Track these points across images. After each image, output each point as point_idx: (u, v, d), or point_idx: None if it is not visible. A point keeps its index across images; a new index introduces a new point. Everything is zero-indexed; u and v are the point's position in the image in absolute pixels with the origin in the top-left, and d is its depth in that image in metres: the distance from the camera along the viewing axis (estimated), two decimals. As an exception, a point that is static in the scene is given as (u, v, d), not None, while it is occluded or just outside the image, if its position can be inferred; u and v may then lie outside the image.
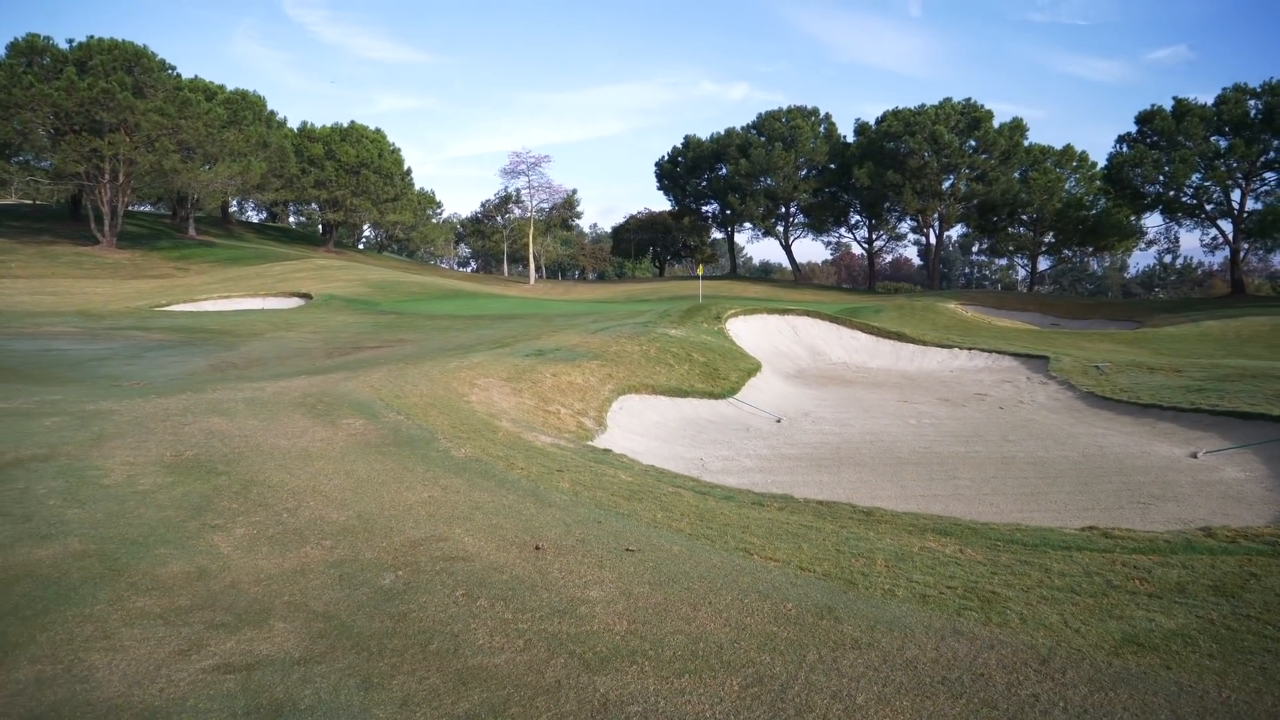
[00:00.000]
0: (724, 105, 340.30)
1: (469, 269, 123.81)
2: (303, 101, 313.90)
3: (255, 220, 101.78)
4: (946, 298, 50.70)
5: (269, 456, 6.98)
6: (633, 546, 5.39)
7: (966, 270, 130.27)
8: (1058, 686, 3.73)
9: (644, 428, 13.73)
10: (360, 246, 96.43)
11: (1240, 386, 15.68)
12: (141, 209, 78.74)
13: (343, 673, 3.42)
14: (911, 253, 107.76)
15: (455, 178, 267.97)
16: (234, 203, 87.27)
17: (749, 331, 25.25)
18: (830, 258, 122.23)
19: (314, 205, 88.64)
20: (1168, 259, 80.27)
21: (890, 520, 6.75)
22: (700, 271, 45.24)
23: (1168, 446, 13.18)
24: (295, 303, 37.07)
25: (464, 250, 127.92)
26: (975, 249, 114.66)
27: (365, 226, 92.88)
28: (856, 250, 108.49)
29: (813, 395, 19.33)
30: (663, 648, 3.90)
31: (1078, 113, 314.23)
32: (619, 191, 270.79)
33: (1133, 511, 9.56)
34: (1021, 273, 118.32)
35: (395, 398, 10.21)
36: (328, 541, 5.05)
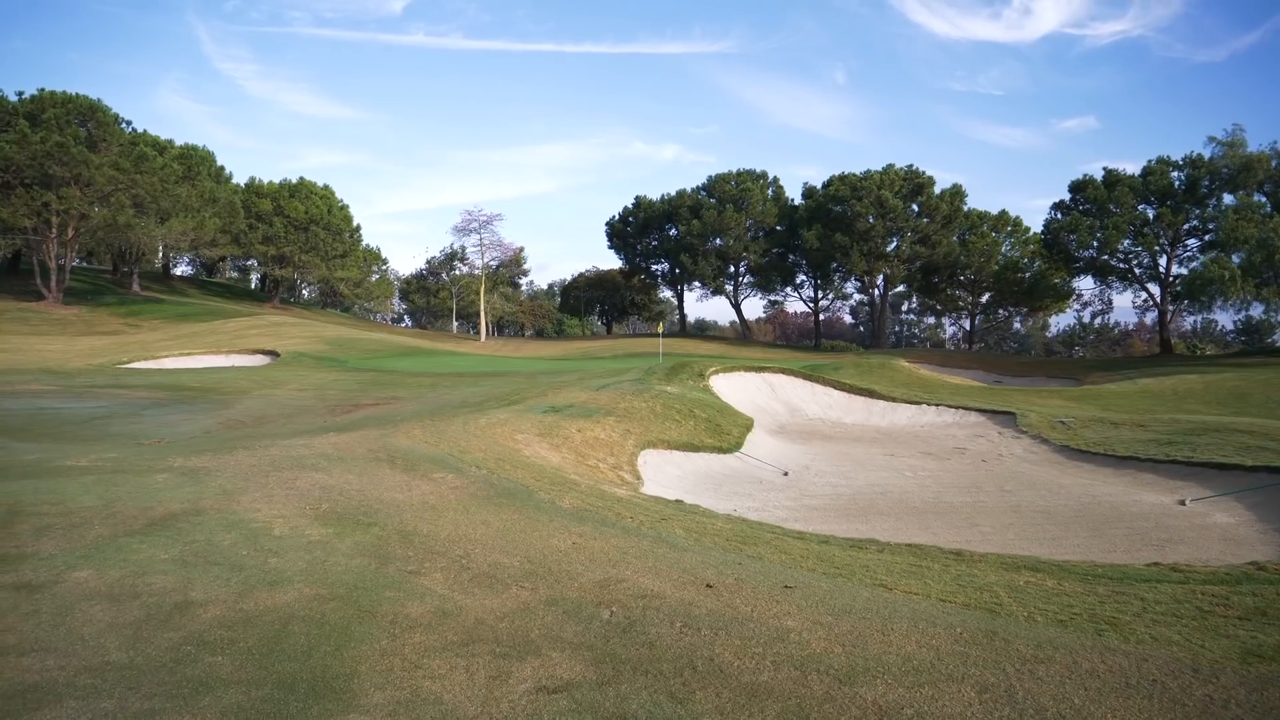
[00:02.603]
0: (656, 165, 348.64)
1: (403, 325, 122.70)
2: (229, 155, 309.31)
3: (185, 275, 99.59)
4: (894, 355, 52.76)
5: (399, 509, 7.31)
6: (790, 584, 5.93)
7: (896, 328, 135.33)
8: (1221, 689, 4.39)
9: (669, 481, 14.24)
10: (293, 302, 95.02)
11: (1207, 440, 17.04)
12: (75, 263, 76.47)
13: (648, 690, 3.88)
14: (842, 310, 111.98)
15: (386, 234, 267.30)
16: (172, 258, 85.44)
17: (731, 388, 26.08)
18: (764, 315, 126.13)
19: (253, 260, 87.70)
20: (1091, 319, 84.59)
21: (981, 560, 7.43)
22: (660, 329, 46.29)
23: (1154, 495, 14.29)
24: (262, 360, 36.59)
25: (399, 306, 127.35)
26: (904, 307, 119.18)
27: (301, 282, 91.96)
28: (789, 308, 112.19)
29: (804, 450, 20.11)
30: (886, 665, 4.45)
31: (994, 178, 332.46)
32: (553, 248, 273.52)
33: (1151, 553, 10.46)
34: (950, 330, 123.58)
35: (461, 453, 10.56)
36: (525, 583, 5.46)
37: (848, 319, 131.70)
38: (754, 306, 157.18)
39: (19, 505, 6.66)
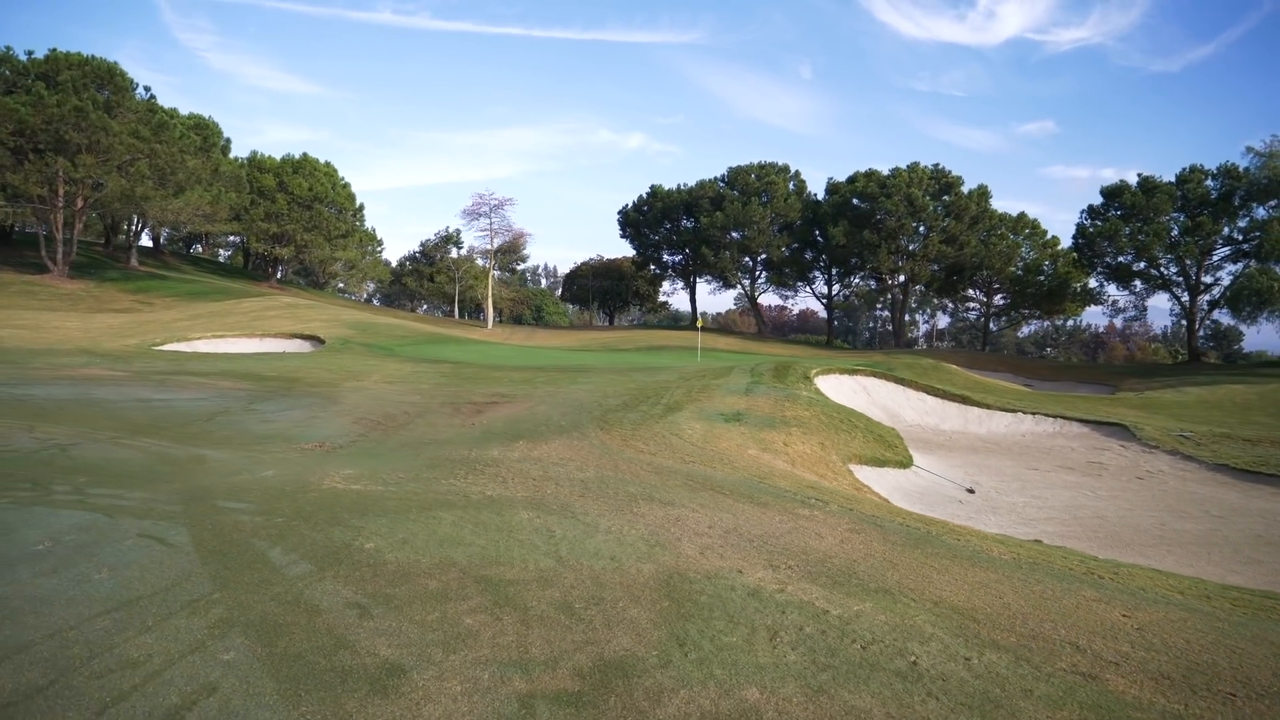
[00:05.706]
0: (621, 154, 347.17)
1: (374, 304, 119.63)
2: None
3: (175, 251, 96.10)
4: (922, 355, 52.16)
5: (853, 564, 6.11)
6: None
7: (871, 325, 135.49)
8: None
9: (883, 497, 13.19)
10: (282, 280, 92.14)
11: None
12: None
13: None
14: (817, 305, 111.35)
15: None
16: (162, 232, 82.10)
17: (834, 392, 25.06)
18: (735, 307, 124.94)
19: (235, 237, 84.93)
20: (1123, 323, 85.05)
21: None
22: (700, 324, 45.22)
23: (1389, 525, 13.58)
24: (304, 345, 34.81)
25: (370, 286, 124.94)
26: (879, 304, 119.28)
27: (291, 260, 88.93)
28: (763, 302, 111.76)
29: (949, 462, 19.14)
30: None
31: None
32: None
33: None
34: (923, 327, 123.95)
35: (760, 478, 9.38)
36: (1216, 687, 4.33)
37: (821, 314, 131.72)
38: (727, 299, 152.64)
39: (459, 565, 5.35)
